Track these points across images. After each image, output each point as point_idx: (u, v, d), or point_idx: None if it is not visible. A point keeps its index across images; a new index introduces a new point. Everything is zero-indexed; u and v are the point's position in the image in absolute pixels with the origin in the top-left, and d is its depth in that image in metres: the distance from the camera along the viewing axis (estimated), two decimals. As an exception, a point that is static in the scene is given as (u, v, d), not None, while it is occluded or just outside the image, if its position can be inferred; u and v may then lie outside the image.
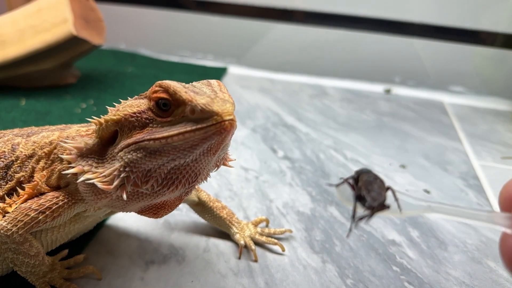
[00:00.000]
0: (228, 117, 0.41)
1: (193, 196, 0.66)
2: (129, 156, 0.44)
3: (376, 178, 0.39)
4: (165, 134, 0.43)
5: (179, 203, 0.52)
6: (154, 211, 0.50)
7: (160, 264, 0.62)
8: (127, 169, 0.44)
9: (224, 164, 0.52)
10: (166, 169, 0.44)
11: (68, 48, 1.08)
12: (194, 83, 0.46)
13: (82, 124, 0.58)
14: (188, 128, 0.42)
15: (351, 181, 0.39)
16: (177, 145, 0.42)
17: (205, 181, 0.50)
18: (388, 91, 1.45)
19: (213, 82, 0.47)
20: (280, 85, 1.44)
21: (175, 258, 0.63)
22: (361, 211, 0.37)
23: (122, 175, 0.44)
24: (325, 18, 1.48)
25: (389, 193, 0.38)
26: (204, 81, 0.47)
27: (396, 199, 0.37)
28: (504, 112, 1.36)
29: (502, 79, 1.46)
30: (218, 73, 1.47)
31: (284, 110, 1.23)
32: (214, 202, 0.68)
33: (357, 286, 0.60)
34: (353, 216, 0.37)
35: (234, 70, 1.53)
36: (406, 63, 1.49)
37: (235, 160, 0.53)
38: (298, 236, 0.70)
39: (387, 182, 0.85)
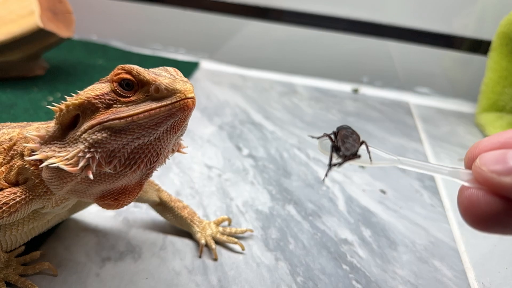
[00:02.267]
0: (190, 95, 0.44)
1: (154, 196, 0.68)
2: (93, 137, 0.45)
3: (353, 133, 0.44)
4: (131, 112, 0.45)
5: (140, 190, 0.53)
6: (115, 196, 0.51)
7: (116, 261, 0.63)
8: (91, 149, 0.45)
9: (179, 151, 0.54)
10: (130, 149, 0.46)
11: (35, 40, 1.07)
12: (151, 69, 0.48)
13: (42, 122, 0.59)
14: (154, 105, 0.44)
15: (332, 136, 0.44)
16: (142, 122, 0.44)
17: (164, 164, 0.52)
18: (356, 91, 1.48)
19: (169, 68, 0.49)
20: (251, 81, 1.45)
21: (131, 255, 0.64)
22: (336, 159, 0.42)
23: (87, 156, 0.45)
24: (298, 16, 1.50)
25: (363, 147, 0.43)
26: (161, 67, 0.49)
27: (368, 152, 0.43)
28: (467, 114, 1.41)
29: (467, 82, 1.51)
30: (189, 68, 1.47)
31: (253, 108, 1.24)
32: (175, 202, 0.69)
33: (306, 284, 0.63)
34: (329, 164, 0.41)
35: (206, 65, 1.54)
36: (374, 64, 1.52)
37: (187, 147, 0.55)
38: (255, 234, 0.72)
39: (345, 183, 0.88)
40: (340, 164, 0.42)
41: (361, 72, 1.54)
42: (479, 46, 1.44)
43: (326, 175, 0.44)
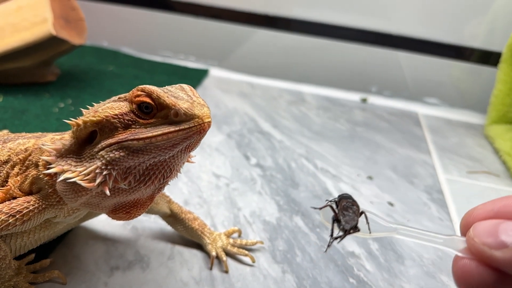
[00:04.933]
0: (207, 120, 0.46)
1: (165, 208, 0.68)
2: (111, 155, 0.46)
3: (354, 204, 0.46)
4: (149, 134, 0.46)
5: (150, 203, 0.54)
6: (127, 209, 0.53)
7: (125, 270, 0.64)
8: (109, 167, 0.47)
9: (188, 161, 0.55)
10: (145, 166, 0.47)
11: (47, 47, 1.08)
12: (168, 87, 0.49)
13: (56, 133, 0.60)
14: (172, 129, 0.45)
15: (333, 205, 0.46)
16: (160, 144, 0.46)
17: (176, 177, 0.53)
18: (364, 100, 1.48)
19: (185, 86, 0.50)
20: (260, 89, 1.46)
21: (140, 265, 0.65)
22: (337, 231, 0.44)
23: (104, 173, 0.47)
24: (307, 25, 1.51)
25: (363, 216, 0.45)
26: (177, 85, 0.50)
27: (367, 223, 0.44)
28: (476, 125, 1.41)
29: (476, 93, 1.50)
30: (199, 75, 1.48)
31: (261, 116, 1.25)
32: (186, 214, 0.70)
33: (313, 297, 0.63)
34: (331, 235, 0.44)
35: (215, 72, 1.55)
36: (383, 73, 1.52)
37: (195, 156, 0.57)
38: (262, 245, 0.72)
39: (353, 194, 0.89)
40: (341, 238, 0.44)
41: (370, 82, 1.54)
42: (489, 58, 1.43)
43: (328, 246, 0.45)
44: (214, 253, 0.67)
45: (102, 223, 0.73)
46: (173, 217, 0.70)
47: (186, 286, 0.62)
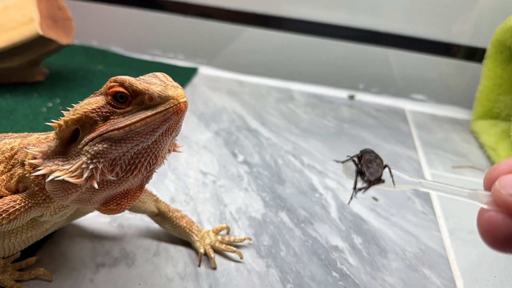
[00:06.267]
0: (182, 100, 0.47)
1: (152, 206, 0.69)
2: (95, 148, 0.48)
3: (377, 157, 0.47)
4: (128, 122, 0.47)
5: (140, 194, 0.55)
6: (118, 201, 0.53)
7: (110, 267, 0.65)
8: (94, 160, 0.48)
9: (174, 150, 0.57)
10: (130, 155, 0.48)
11: (35, 47, 1.08)
12: (141, 76, 0.51)
13: (42, 133, 0.60)
14: (149, 113, 0.47)
15: (355, 159, 0.46)
16: (140, 130, 0.47)
17: (163, 164, 0.54)
18: (352, 97, 1.49)
19: (158, 74, 0.52)
20: (249, 87, 1.47)
21: (125, 261, 0.66)
22: (361, 184, 0.44)
23: (90, 167, 0.48)
24: (296, 23, 1.52)
25: (386, 169, 0.45)
26: (150, 74, 0.52)
27: (391, 175, 0.45)
28: (461, 121, 1.42)
29: (462, 89, 1.52)
30: (188, 73, 1.49)
31: (250, 114, 1.26)
32: (173, 212, 0.71)
33: (296, 291, 0.64)
34: (354, 188, 0.44)
35: (204, 70, 1.55)
36: (371, 70, 1.54)
37: (182, 146, 0.58)
38: (247, 241, 0.74)
39: (338, 190, 0.90)
40: (365, 189, 0.44)
41: (358, 79, 1.55)
42: (475, 54, 1.45)
43: (351, 198, 0.46)
44: (202, 250, 0.68)
45: (88, 220, 0.73)
46: (160, 216, 0.70)
47: (171, 282, 0.63)
